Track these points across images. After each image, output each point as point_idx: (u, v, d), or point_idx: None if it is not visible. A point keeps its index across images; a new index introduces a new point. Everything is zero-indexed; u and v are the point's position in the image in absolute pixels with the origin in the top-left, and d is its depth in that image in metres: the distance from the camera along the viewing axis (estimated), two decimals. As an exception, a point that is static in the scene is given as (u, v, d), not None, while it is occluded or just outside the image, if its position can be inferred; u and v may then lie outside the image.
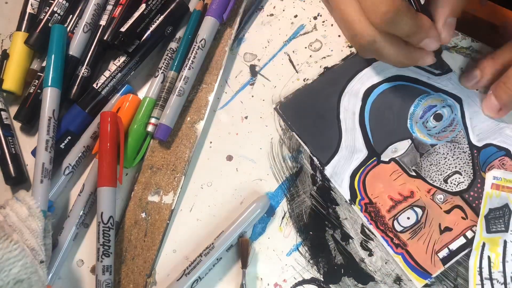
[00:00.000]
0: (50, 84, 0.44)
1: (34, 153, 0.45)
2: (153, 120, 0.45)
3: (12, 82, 0.47)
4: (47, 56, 0.45)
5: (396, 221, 0.43)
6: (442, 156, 0.45)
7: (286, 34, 0.49)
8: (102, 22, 0.48)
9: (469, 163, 0.44)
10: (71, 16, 0.48)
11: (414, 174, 0.44)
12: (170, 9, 0.47)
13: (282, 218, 0.44)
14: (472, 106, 0.46)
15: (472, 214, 0.43)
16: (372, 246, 0.43)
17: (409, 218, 0.43)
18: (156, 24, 0.46)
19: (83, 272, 0.44)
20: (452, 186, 0.44)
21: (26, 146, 0.47)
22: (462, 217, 0.43)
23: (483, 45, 0.47)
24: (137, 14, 0.46)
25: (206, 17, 0.47)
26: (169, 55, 0.47)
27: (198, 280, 0.42)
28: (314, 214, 0.44)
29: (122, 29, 0.45)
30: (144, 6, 0.46)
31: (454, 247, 0.43)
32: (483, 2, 0.48)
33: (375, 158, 0.45)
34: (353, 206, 0.44)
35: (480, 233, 0.43)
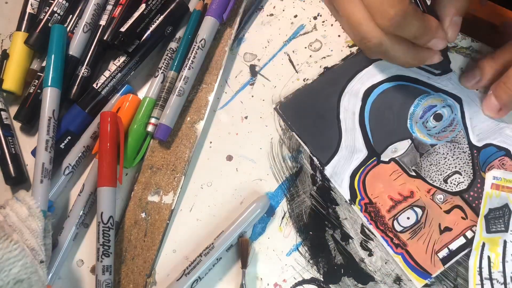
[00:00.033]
0: (50, 84, 0.44)
1: (34, 153, 0.45)
2: (153, 120, 0.45)
3: (12, 82, 0.47)
4: (47, 56, 0.45)
5: (396, 221, 0.43)
6: (442, 156, 0.45)
7: (286, 34, 0.49)
8: (102, 22, 0.48)
9: (469, 163, 0.44)
10: (71, 16, 0.49)
11: (414, 174, 0.44)
12: (170, 9, 0.47)
13: (282, 218, 0.44)
14: (472, 106, 0.46)
15: (472, 214, 0.43)
16: (372, 246, 0.43)
17: (409, 218, 0.43)
18: (156, 24, 0.46)
19: (83, 272, 0.44)
20: (452, 186, 0.44)
21: (26, 146, 0.47)
22: (462, 217, 0.43)
23: (483, 45, 0.47)
24: (137, 14, 0.46)
25: (206, 17, 0.47)
26: (169, 55, 0.47)
27: (198, 280, 0.42)
28: (314, 214, 0.44)
29: (122, 29, 0.45)
30: (144, 6, 0.46)
31: (454, 247, 0.43)
32: (483, 2, 0.48)
33: (375, 158, 0.45)
34: (353, 206, 0.44)
35: (480, 233, 0.43)
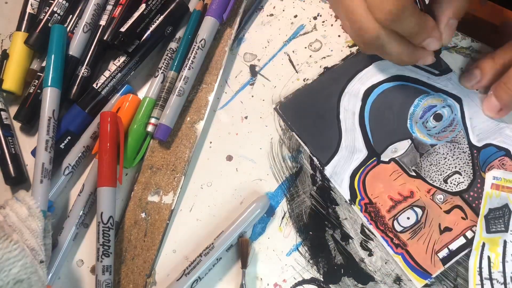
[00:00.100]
0: (50, 84, 0.44)
1: (34, 153, 0.45)
2: (153, 120, 0.45)
3: (12, 82, 0.47)
4: (47, 56, 0.45)
5: (396, 221, 0.43)
6: (442, 156, 0.45)
7: (286, 34, 0.49)
8: (102, 22, 0.48)
9: (469, 163, 0.44)
10: (71, 16, 0.49)
11: (414, 174, 0.44)
12: (170, 9, 0.47)
13: (282, 218, 0.44)
14: (472, 106, 0.46)
15: (472, 214, 0.43)
16: (372, 246, 0.43)
17: (409, 218, 0.43)
18: (156, 24, 0.46)
19: (83, 272, 0.44)
20: (452, 186, 0.44)
21: (26, 146, 0.47)
22: (462, 217, 0.43)
23: (483, 45, 0.47)
24: (137, 14, 0.46)
25: (206, 17, 0.47)
26: (169, 55, 0.47)
27: (198, 280, 0.42)
28: (314, 214, 0.44)
29: (122, 29, 0.45)
30: (144, 6, 0.46)
31: (454, 247, 0.43)
32: (483, 2, 0.48)
33: (375, 158, 0.45)
34: (353, 206, 0.44)
35: (480, 233, 0.43)
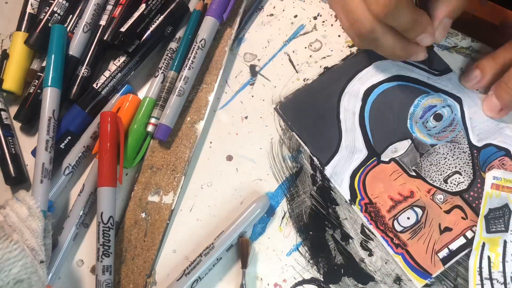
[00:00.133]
0: (50, 84, 0.44)
1: (34, 153, 0.45)
2: (153, 120, 0.45)
3: (12, 82, 0.47)
4: (47, 56, 0.45)
5: (396, 221, 0.43)
6: (442, 156, 0.45)
7: (286, 34, 0.49)
8: (102, 22, 0.48)
9: (469, 163, 0.44)
10: (71, 16, 0.49)
11: (414, 174, 0.44)
12: (170, 9, 0.47)
13: (282, 218, 0.44)
14: (472, 106, 0.46)
15: (472, 214, 0.43)
16: (372, 246, 0.43)
17: (409, 218, 0.43)
18: (156, 24, 0.46)
19: (83, 272, 0.44)
20: (452, 186, 0.44)
21: (26, 146, 0.47)
22: (462, 217, 0.43)
23: (483, 45, 0.47)
24: (137, 14, 0.46)
25: (206, 17, 0.47)
26: (169, 55, 0.47)
27: (198, 280, 0.42)
28: (314, 214, 0.44)
29: (122, 29, 0.45)
30: (144, 6, 0.46)
31: (454, 247, 0.43)
32: (483, 2, 0.48)
33: (375, 158, 0.45)
34: (353, 206, 0.44)
35: (480, 233, 0.43)
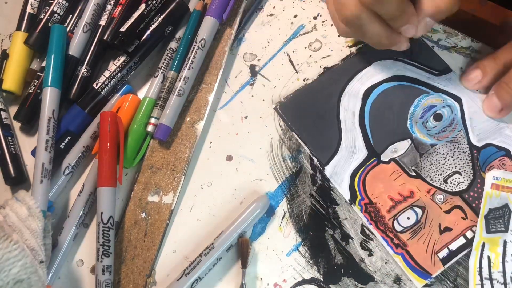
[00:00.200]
0: (50, 84, 0.44)
1: (34, 153, 0.45)
2: (153, 120, 0.45)
3: (12, 82, 0.47)
4: (47, 56, 0.45)
5: (396, 221, 0.43)
6: (442, 156, 0.45)
7: (286, 34, 0.49)
8: (102, 22, 0.48)
9: (469, 163, 0.44)
10: (71, 16, 0.49)
11: (414, 174, 0.44)
12: (170, 9, 0.47)
13: (282, 218, 0.44)
14: (472, 106, 0.46)
15: (472, 214, 0.43)
16: (372, 246, 0.43)
17: (409, 218, 0.43)
18: (156, 24, 0.46)
19: (83, 272, 0.44)
20: (452, 186, 0.44)
21: (26, 146, 0.47)
22: (462, 217, 0.43)
23: (483, 45, 0.47)
24: (137, 14, 0.46)
25: (206, 17, 0.47)
26: (169, 55, 0.47)
27: (198, 280, 0.42)
28: (314, 214, 0.44)
29: (122, 29, 0.45)
30: (144, 6, 0.46)
31: (454, 247, 0.43)
32: (483, 2, 0.48)
33: (375, 158, 0.45)
34: (353, 206, 0.44)
35: (480, 233, 0.43)
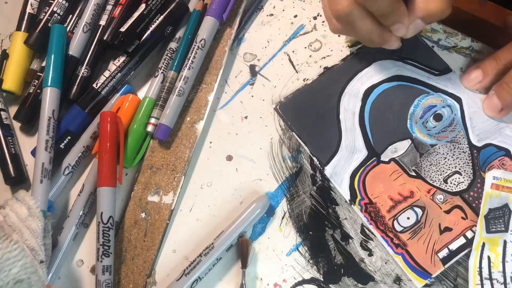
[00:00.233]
0: (50, 84, 0.44)
1: (33, 153, 0.45)
2: (153, 120, 0.45)
3: (11, 82, 0.47)
4: (47, 56, 0.45)
5: (396, 221, 0.43)
6: (442, 156, 0.45)
7: (286, 34, 0.49)
8: (102, 22, 0.48)
9: (469, 163, 0.44)
10: (71, 16, 0.49)
11: (414, 174, 0.44)
12: (170, 9, 0.47)
13: (282, 218, 0.44)
14: (472, 106, 0.46)
15: (472, 214, 0.43)
16: (372, 246, 0.43)
17: (409, 218, 0.43)
18: (156, 24, 0.46)
19: (83, 272, 0.44)
20: (452, 186, 0.44)
21: (26, 146, 0.47)
22: (462, 217, 0.43)
23: (483, 45, 0.47)
24: (137, 14, 0.46)
25: (206, 17, 0.47)
26: (169, 55, 0.47)
27: (198, 280, 0.42)
28: (314, 214, 0.44)
29: (122, 29, 0.45)
30: (144, 6, 0.46)
31: (454, 247, 0.43)
32: (483, 2, 0.48)
33: (375, 158, 0.45)
34: (353, 206, 0.44)
35: (480, 233, 0.43)
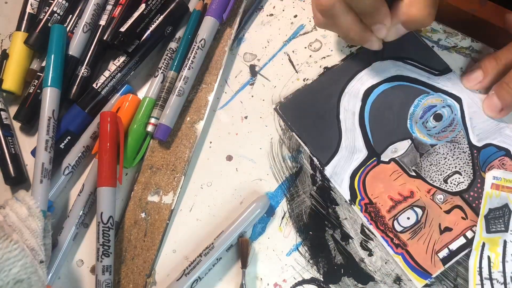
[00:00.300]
0: (49, 84, 0.44)
1: (33, 153, 0.45)
2: (153, 120, 0.45)
3: (11, 82, 0.47)
4: (47, 56, 0.45)
5: (396, 221, 0.43)
6: (442, 156, 0.45)
7: (286, 34, 0.49)
8: (102, 22, 0.48)
9: (469, 163, 0.44)
10: (71, 16, 0.48)
11: (414, 174, 0.44)
12: (170, 9, 0.47)
13: (282, 218, 0.44)
14: (472, 106, 0.46)
15: (472, 214, 0.43)
16: (372, 246, 0.43)
17: (409, 218, 0.43)
18: (156, 24, 0.46)
19: (83, 272, 0.44)
20: (452, 186, 0.44)
21: (26, 146, 0.47)
22: (462, 217, 0.43)
23: (483, 45, 0.47)
24: (136, 14, 0.46)
25: (206, 17, 0.47)
26: (169, 55, 0.47)
27: (198, 280, 0.42)
28: (314, 214, 0.44)
29: (122, 29, 0.45)
30: (143, 6, 0.46)
31: (454, 247, 0.43)
32: (483, 2, 0.48)
33: (375, 158, 0.45)
34: (353, 206, 0.44)
35: (480, 233, 0.43)
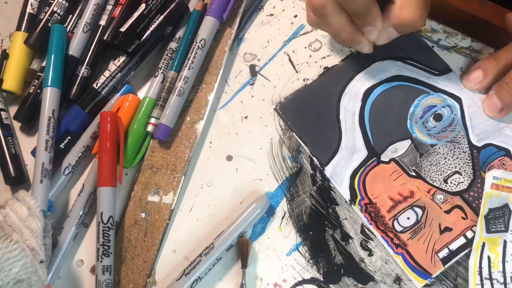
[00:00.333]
0: (50, 84, 0.44)
1: (34, 153, 0.45)
2: (153, 120, 0.45)
3: (12, 82, 0.47)
4: (47, 56, 0.45)
5: (396, 221, 0.43)
6: (442, 156, 0.45)
7: (286, 34, 0.49)
8: (102, 22, 0.48)
9: (469, 163, 0.44)
10: (71, 16, 0.48)
11: (414, 174, 0.44)
12: (170, 9, 0.47)
13: (282, 218, 0.44)
14: (472, 106, 0.46)
15: (472, 214, 0.43)
16: (372, 246, 0.43)
17: (409, 218, 0.43)
18: (156, 24, 0.46)
19: (83, 272, 0.44)
20: (452, 186, 0.44)
21: (26, 146, 0.47)
22: (462, 217, 0.43)
23: (483, 45, 0.47)
24: (137, 14, 0.46)
25: (206, 17, 0.47)
26: (169, 55, 0.47)
27: (198, 280, 0.42)
28: (314, 214, 0.44)
29: (122, 29, 0.45)
30: (144, 6, 0.46)
31: (454, 247, 0.43)
32: (483, 2, 0.48)
33: (375, 158, 0.45)
34: (353, 206, 0.44)
35: (480, 233, 0.43)
